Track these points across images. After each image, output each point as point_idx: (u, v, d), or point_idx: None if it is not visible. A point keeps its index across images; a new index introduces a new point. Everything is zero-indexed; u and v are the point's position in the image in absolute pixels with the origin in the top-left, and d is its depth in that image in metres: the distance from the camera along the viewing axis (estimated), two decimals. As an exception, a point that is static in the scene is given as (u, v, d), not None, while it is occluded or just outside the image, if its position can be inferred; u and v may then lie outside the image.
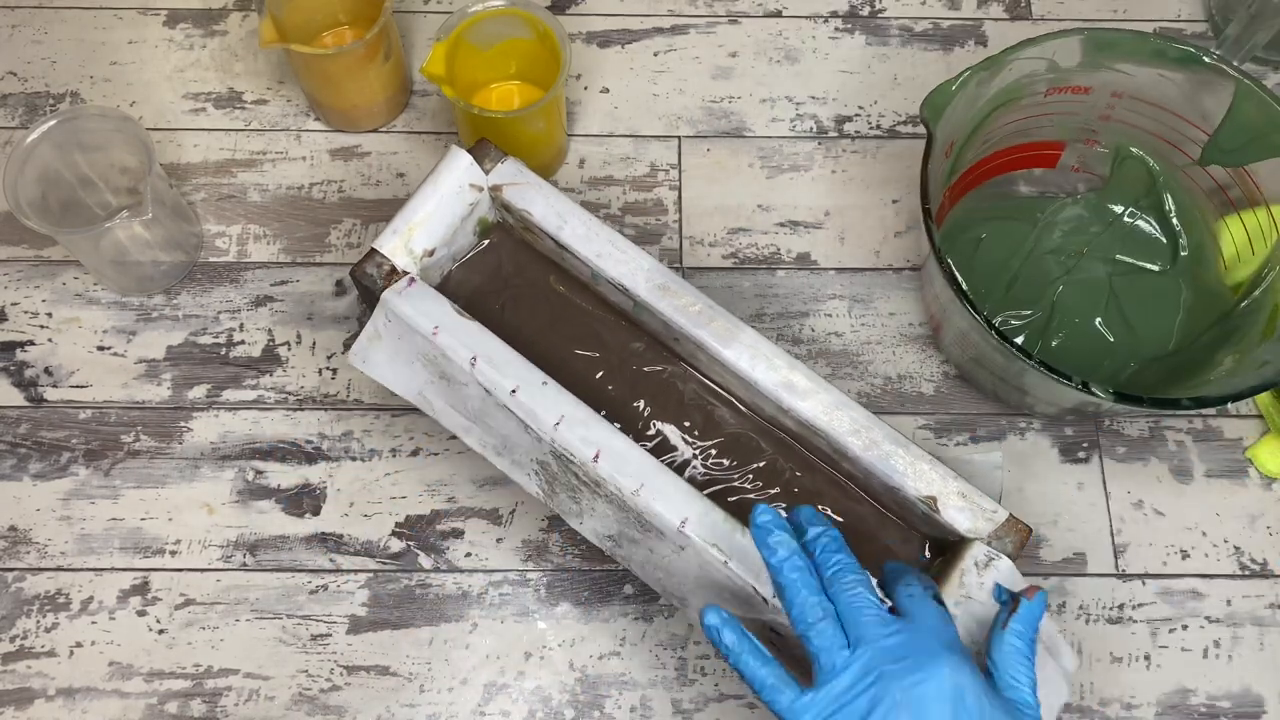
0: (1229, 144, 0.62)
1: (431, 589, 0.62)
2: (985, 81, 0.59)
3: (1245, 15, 0.70)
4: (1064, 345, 0.66)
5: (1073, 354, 0.65)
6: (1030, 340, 0.66)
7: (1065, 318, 0.66)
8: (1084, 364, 0.65)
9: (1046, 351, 0.66)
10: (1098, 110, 0.65)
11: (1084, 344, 0.66)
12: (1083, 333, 0.66)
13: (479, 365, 0.53)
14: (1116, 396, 0.53)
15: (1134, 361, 0.65)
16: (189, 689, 0.60)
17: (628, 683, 0.61)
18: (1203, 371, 0.61)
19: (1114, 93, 0.63)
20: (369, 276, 0.56)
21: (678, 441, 0.58)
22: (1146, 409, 0.55)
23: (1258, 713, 0.61)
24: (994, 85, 0.60)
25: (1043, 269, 0.67)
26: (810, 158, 0.73)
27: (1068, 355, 0.65)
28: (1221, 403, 0.54)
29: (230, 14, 0.76)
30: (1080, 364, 0.65)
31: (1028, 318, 0.66)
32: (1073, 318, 0.66)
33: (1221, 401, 0.54)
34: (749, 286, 0.69)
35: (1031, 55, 0.60)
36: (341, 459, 0.65)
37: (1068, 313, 0.66)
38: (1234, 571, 0.64)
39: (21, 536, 0.63)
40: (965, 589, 0.51)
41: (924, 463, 0.54)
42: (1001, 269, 0.67)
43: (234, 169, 0.71)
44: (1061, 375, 0.53)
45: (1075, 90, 0.63)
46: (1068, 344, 0.66)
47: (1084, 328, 0.66)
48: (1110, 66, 0.62)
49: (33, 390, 0.66)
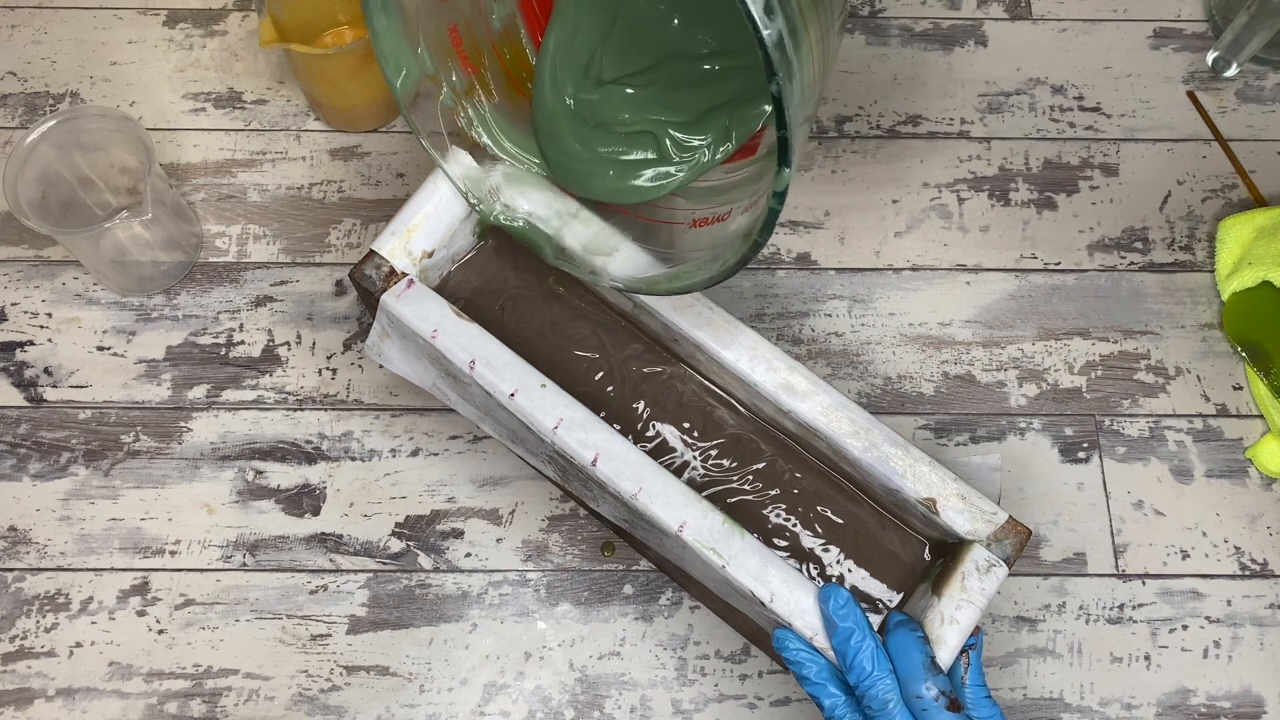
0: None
1: (431, 589, 0.62)
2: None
3: (1245, 15, 0.70)
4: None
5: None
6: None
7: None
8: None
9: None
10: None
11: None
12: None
13: (478, 368, 0.53)
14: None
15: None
16: (189, 689, 0.60)
17: (628, 683, 0.61)
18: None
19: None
20: (368, 278, 0.56)
21: (677, 443, 0.58)
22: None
23: (1258, 713, 0.61)
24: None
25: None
26: (810, 158, 0.73)
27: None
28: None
29: (230, 14, 0.76)
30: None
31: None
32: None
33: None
34: (749, 287, 0.69)
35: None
36: (341, 459, 0.65)
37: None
38: (1234, 572, 0.64)
39: (21, 536, 0.63)
40: (967, 593, 0.51)
41: (923, 464, 0.53)
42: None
43: (234, 169, 0.71)
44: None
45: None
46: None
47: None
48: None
49: (33, 390, 0.66)
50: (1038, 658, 0.62)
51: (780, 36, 0.38)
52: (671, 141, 0.55)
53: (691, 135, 0.55)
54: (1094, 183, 0.73)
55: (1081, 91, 0.75)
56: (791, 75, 0.39)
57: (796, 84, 0.39)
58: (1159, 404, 0.67)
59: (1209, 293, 0.70)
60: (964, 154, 0.73)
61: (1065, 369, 0.68)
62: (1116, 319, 0.69)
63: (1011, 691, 0.61)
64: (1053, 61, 0.76)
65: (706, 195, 0.56)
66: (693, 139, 0.55)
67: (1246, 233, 0.69)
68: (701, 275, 0.49)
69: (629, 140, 0.56)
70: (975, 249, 0.71)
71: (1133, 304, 0.70)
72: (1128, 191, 0.73)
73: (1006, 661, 0.62)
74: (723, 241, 0.51)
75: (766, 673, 0.61)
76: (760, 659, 0.61)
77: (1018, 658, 0.62)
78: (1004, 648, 0.62)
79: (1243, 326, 0.67)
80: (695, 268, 0.50)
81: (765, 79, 0.38)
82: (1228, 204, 0.72)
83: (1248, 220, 0.69)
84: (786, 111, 0.39)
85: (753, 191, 0.52)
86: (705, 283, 0.48)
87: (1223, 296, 0.69)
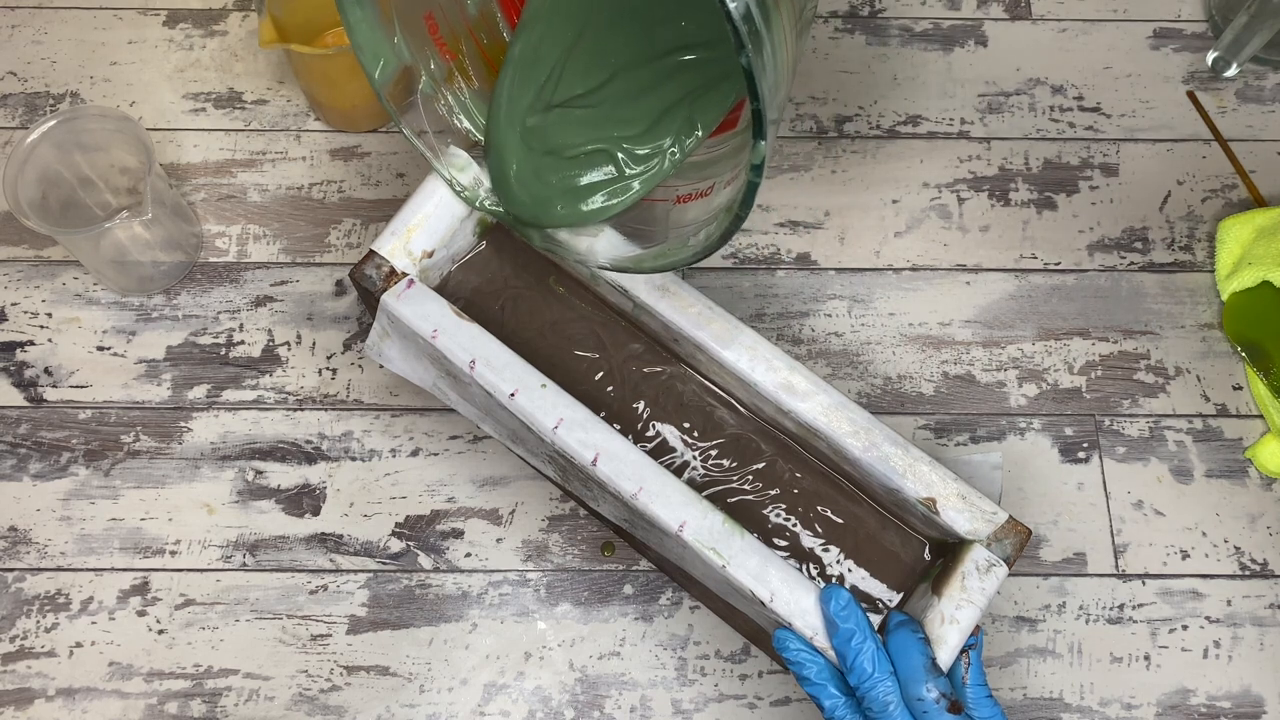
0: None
1: (431, 589, 0.62)
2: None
3: (1245, 15, 0.70)
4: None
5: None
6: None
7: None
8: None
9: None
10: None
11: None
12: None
13: (478, 368, 0.53)
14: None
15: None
16: (189, 689, 0.60)
17: (628, 683, 0.61)
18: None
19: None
20: (368, 278, 0.56)
21: (677, 443, 0.58)
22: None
23: (1258, 713, 0.61)
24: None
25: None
26: (810, 158, 0.73)
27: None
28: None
29: (230, 14, 0.76)
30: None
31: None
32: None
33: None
34: (749, 287, 0.69)
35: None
36: (341, 459, 0.65)
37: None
38: (1234, 572, 0.64)
39: (21, 536, 0.63)
40: (967, 593, 0.51)
41: (923, 464, 0.53)
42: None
43: (234, 169, 0.71)
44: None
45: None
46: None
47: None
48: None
49: (33, 390, 0.66)
50: (1038, 658, 0.62)
51: (748, 8, 0.38)
52: (626, 155, 0.55)
53: (645, 144, 0.55)
54: (1094, 183, 0.73)
55: (1081, 91, 0.75)
56: (761, 46, 0.39)
57: (767, 54, 0.39)
58: (1159, 404, 0.67)
59: (1209, 293, 0.70)
60: (964, 154, 0.73)
61: (1065, 369, 0.68)
62: (1116, 319, 0.69)
63: (1011, 691, 0.61)
64: (1053, 61, 0.76)
65: (689, 171, 0.56)
66: (646, 148, 0.55)
67: (1246, 233, 0.69)
68: (686, 252, 0.49)
69: (581, 162, 0.55)
70: (975, 249, 0.71)
71: (1133, 304, 0.70)
72: (1128, 191, 0.73)
73: (1006, 661, 0.62)
74: (708, 216, 0.51)
75: (766, 673, 0.61)
76: (760, 659, 0.61)
77: (1018, 658, 0.62)
78: (1004, 648, 0.62)
79: (1243, 326, 0.67)
80: (680, 244, 0.50)
81: (735, 53, 0.38)
82: (1228, 204, 0.72)
83: (1248, 220, 0.69)
84: (758, 84, 0.38)
85: (734, 165, 0.52)
86: (691, 258, 0.48)
87: (1223, 296, 0.69)
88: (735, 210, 0.44)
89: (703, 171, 0.56)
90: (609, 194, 0.55)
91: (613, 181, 0.55)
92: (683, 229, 0.53)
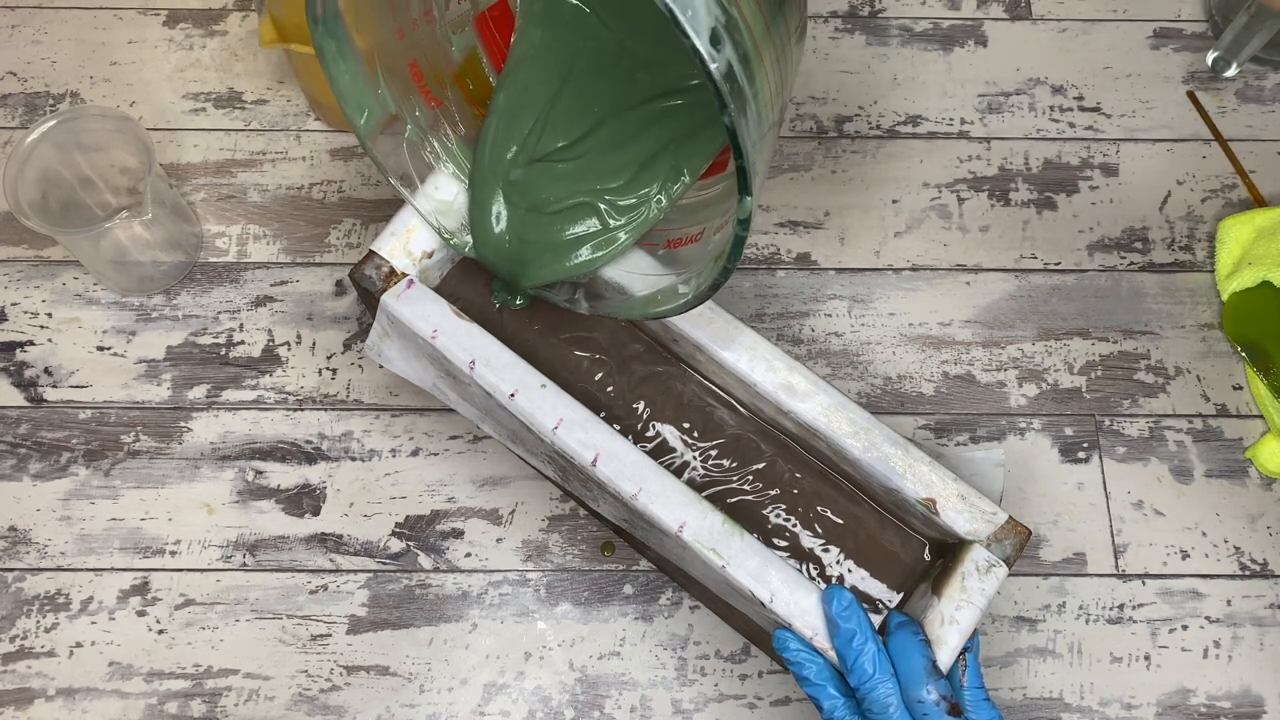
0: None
1: (431, 589, 0.62)
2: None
3: (1245, 15, 0.70)
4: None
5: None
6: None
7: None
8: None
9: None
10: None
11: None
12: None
13: (478, 369, 0.53)
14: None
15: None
16: (189, 689, 0.60)
17: (628, 683, 0.61)
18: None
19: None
20: (368, 279, 0.56)
21: (677, 443, 0.58)
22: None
23: (1258, 713, 0.61)
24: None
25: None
26: (810, 158, 0.73)
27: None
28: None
29: (230, 14, 0.76)
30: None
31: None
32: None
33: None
34: (749, 287, 0.69)
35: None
36: (341, 459, 0.65)
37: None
38: (1234, 572, 0.64)
39: (21, 536, 0.63)
40: (967, 593, 0.51)
41: (923, 464, 0.53)
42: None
43: (234, 169, 0.71)
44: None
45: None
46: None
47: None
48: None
49: (33, 390, 0.66)
50: (1038, 658, 0.62)
51: (729, 67, 0.37)
52: (609, 206, 0.55)
53: (629, 195, 0.55)
54: (1094, 183, 0.73)
55: (1081, 91, 0.75)
56: (745, 105, 0.38)
57: (751, 112, 0.39)
58: (1159, 404, 0.67)
59: (1209, 293, 0.70)
60: (964, 154, 0.73)
61: (1065, 369, 0.68)
62: (1116, 319, 0.69)
63: (1011, 692, 0.61)
64: (1053, 61, 0.76)
65: (679, 215, 0.56)
66: (630, 198, 0.55)
67: (1246, 233, 0.69)
68: (676, 300, 0.49)
69: (564, 217, 0.55)
70: (975, 249, 0.71)
71: (1133, 304, 0.70)
72: (1128, 191, 0.73)
73: (1006, 662, 0.62)
74: (700, 260, 0.51)
75: (766, 673, 0.61)
76: (760, 659, 0.62)
77: (1018, 658, 0.62)
78: (1004, 648, 0.62)
79: (1243, 326, 0.67)
80: (669, 293, 0.50)
81: (717, 111, 0.37)
82: (1228, 204, 0.72)
83: (1248, 220, 0.69)
84: (742, 142, 0.38)
85: (723, 210, 0.52)
86: (678, 309, 0.48)
87: (1223, 296, 0.69)
88: (724, 261, 0.44)
89: (694, 215, 0.55)
90: (595, 245, 0.55)
91: (598, 234, 0.55)
92: (674, 271, 0.53)
